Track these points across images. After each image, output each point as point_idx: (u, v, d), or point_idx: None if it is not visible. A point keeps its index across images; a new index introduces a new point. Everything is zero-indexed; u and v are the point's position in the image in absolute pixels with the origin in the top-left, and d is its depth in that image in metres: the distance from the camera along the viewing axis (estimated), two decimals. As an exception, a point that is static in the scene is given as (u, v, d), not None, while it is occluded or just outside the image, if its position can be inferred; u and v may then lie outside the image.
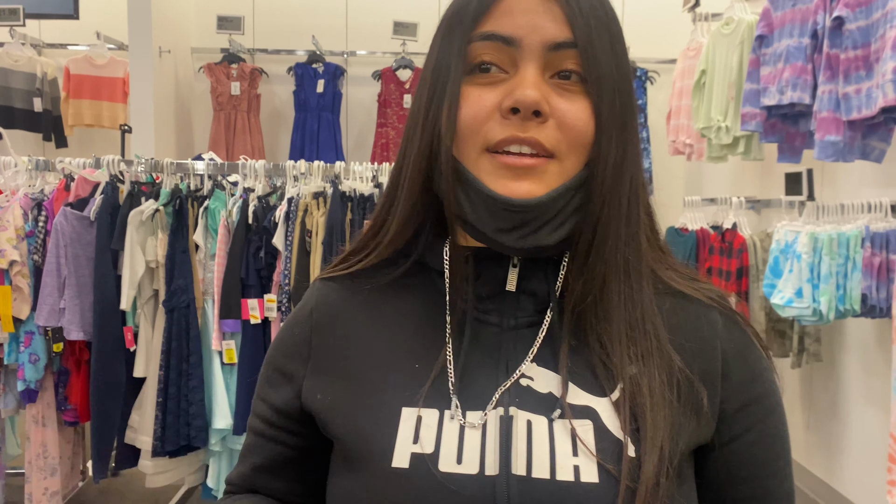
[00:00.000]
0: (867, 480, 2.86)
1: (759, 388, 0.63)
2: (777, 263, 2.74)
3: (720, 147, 3.45)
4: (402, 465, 0.59)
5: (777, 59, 2.72)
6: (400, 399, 0.62)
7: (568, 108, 0.58)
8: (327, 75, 4.59)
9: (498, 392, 0.60)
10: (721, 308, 0.64)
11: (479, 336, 0.63)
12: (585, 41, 0.58)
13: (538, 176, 0.58)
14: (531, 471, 0.57)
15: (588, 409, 0.59)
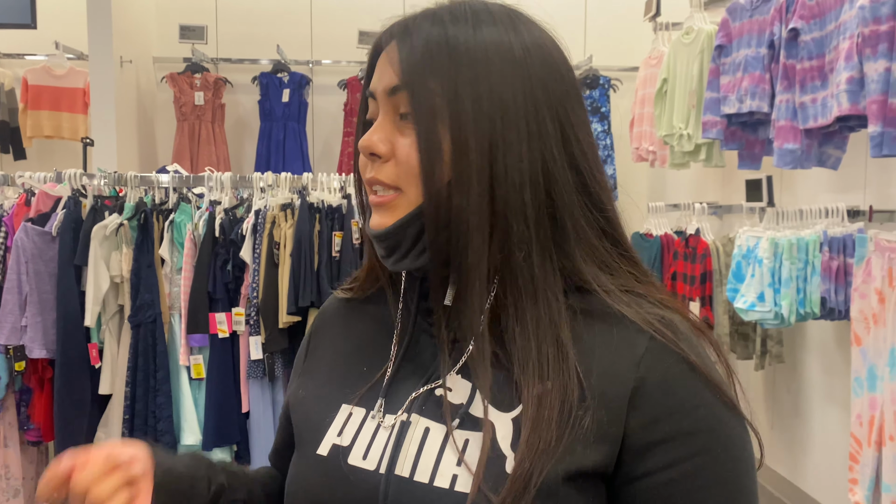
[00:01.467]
0: (830, 478, 2.93)
1: (685, 423, 0.58)
2: (739, 268, 2.80)
3: (682, 154, 3.51)
4: (322, 453, 0.67)
5: (736, 69, 2.78)
6: (341, 396, 0.70)
7: (402, 144, 0.63)
8: (293, 84, 4.57)
9: (410, 398, 0.66)
10: (655, 331, 0.60)
11: (422, 346, 0.70)
12: (410, 82, 0.62)
13: (389, 209, 0.64)
14: (414, 474, 0.61)
15: (487, 422, 0.61)
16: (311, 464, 0.67)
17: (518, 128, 0.62)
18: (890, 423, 2.06)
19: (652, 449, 0.58)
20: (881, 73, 1.99)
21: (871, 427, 2.16)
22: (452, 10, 0.64)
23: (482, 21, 0.63)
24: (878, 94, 2.00)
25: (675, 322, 0.62)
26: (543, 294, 0.62)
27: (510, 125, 0.61)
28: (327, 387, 0.73)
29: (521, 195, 0.61)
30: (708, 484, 0.58)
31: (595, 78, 4.70)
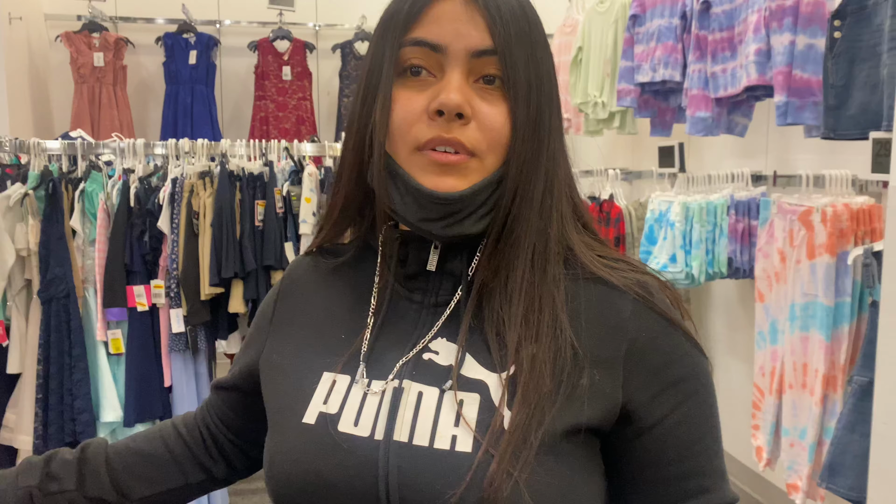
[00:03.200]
0: (733, 426, 3.15)
1: (677, 371, 0.64)
2: (652, 231, 2.93)
3: (597, 122, 3.61)
4: (309, 422, 0.66)
5: (650, 38, 2.88)
6: (323, 364, 0.69)
7: (488, 110, 0.63)
8: (200, 46, 4.38)
9: (398, 364, 0.66)
10: (636, 295, 0.65)
11: (402, 312, 0.70)
12: (505, 49, 0.62)
13: (461, 172, 0.63)
14: (413, 438, 0.62)
15: (480, 382, 0.63)
16: (298, 433, 0.66)
17: (556, 109, 0.68)
18: (790, 372, 2.23)
19: (655, 399, 0.64)
20: (786, 46, 2.11)
21: (772, 377, 2.33)
22: None
23: None
24: (784, 65, 2.12)
25: (650, 284, 0.67)
26: (543, 260, 0.65)
27: (557, 106, 0.68)
28: (305, 353, 0.72)
29: (559, 170, 0.67)
30: (700, 419, 0.65)
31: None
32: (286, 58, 4.50)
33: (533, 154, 0.65)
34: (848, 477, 1.87)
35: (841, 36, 1.90)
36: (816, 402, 2.11)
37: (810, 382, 2.15)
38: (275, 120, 4.49)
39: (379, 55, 0.66)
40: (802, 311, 2.16)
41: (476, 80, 0.64)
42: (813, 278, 2.11)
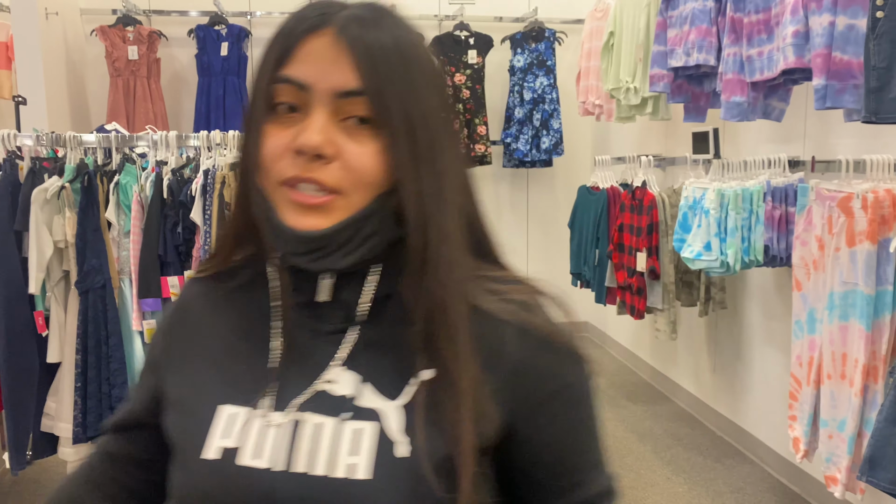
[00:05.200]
0: (769, 417, 3.10)
1: (553, 386, 0.68)
2: (686, 219, 2.88)
3: (629, 108, 3.56)
4: (209, 457, 0.66)
5: (683, 22, 2.82)
6: (220, 397, 0.69)
7: (354, 150, 0.62)
8: (231, 37, 4.41)
9: (297, 395, 0.67)
10: (518, 320, 0.68)
11: (299, 342, 0.70)
12: (374, 89, 0.62)
13: (325, 211, 0.63)
14: (311, 469, 0.63)
15: (376, 411, 0.65)
16: (199, 469, 0.66)
17: (452, 142, 0.67)
18: (828, 362, 2.18)
19: (534, 412, 0.68)
20: (825, 27, 2.05)
21: (810, 367, 2.28)
22: (380, 9, 0.65)
23: (405, 26, 0.66)
24: (823, 47, 2.06)
25: (529, 303, 0.70)
26: (451, 289, 0.66)
27: (447, 139, 0.66)
28: (203, 386, 0.71)
29: (461, 202, 0.68)
30: (577, 422, 0.71)
31: (540, 31, 4.69)
32: (316, 48, 4.51)
33: (428, 187, 0.64)
34: (889, 470, 1.82)
35: (884, 16, 1.83)
36: (856, 392, 2.06)
37: (850, 373, 2.10)
38: (305, 110, 4.51)
39: (256, 90, 0.66)
40: (842, 300, 2.10)
41: (344, 119, 0.63)
42: (853, 266, 2.06)
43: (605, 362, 4.65)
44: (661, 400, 3.97)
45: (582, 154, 5.09)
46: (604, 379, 4.31)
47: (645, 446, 3.34)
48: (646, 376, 4.32)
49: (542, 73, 4.68)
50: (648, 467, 3.13)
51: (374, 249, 0.66)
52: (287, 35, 0.64)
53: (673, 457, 3.24)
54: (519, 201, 5.17)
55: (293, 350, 0.69)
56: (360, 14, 0.64)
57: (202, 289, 0.77)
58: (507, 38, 4.76)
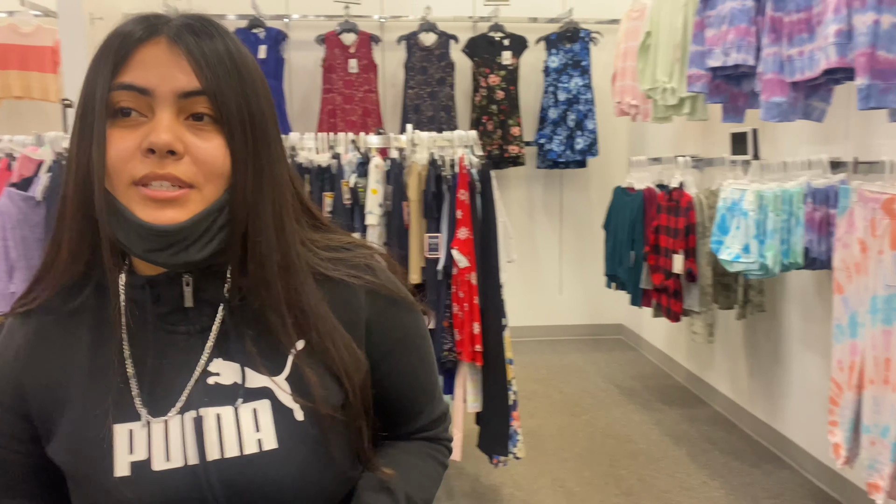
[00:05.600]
0: (807, 421, 3.05)
1: (397, 334, 0.83)
2: (724, 220, 2.85)
3: (666, 108, 3.53)
4: (123, 474, 0.70)
5: (721, 21, 2.79)
6: (107, 418, 0.71)
7: (201, 145, 0.68)
8: (269, 40, 4.48)
9: (184, 394, 0.72)
10: (365, 285, 0.79)
11: (170, 345, 0.74)
12: (213, 89, 0.68)
13: (180, 204, 0.67)
14: (224, 453, 0.70)
15: (265, 389, 0.73)
16: (115, 487, 0.69)
17: (275, 133, 0.74)
18: (870, 367, 2.14)
19: (385, 358, 0.82)
20: (869, 26, 2.01)
21: (851, 371, 2.24)
22: (209, 22, 0.71)
23: (232, 36, 0.72)
24: (866, 46, 2.02)
25: (375, 266, 0.82)
26: (295, 267, 0.74)
27: (274, 133, 0.73)
28: (85, 412, 0.72)
29: (286, 188, 0.75)
30: (417, 361, 0.86)
31: (575, 31, 4.68)
32: (352, 50, 4.56)
33: (256, 180, 0.70)
34: (934, 477, 1.78)
35: (929, 14, 1.80)
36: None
37: (893, 378, 2.06)
38: (342, 112, 4.56)
39: (91, 97, 0.69)
40: (885, 304, 2.06)
41: (187, 117, 0.68)
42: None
43: (639, 365, 4.62)
44: (696, 403, 3.92)
45: (617, 155, 5.06)
46: (638, 382, 4.28)
47: (680, 450, 3.31)
48: (681, 379, 4.28)
49: (577, 74, 4.67)
50: (684, 471, 3.10)
51: (226, 240, 0.71)
52: (119, 45, 0.68)
53: (709, 461, 3.20)
54: (552, 202, 5.16)
55: (167, 354, 0.73)
56: (191, 24, 0.70)
57: (36, 323, 0.76)
58: (542, 39, 4.75)
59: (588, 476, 3.07)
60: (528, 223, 5.12)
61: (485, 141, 4.60)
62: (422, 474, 0.86)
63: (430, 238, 2.63)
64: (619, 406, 3.89)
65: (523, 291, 4.96)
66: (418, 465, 0.86)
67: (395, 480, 0.80)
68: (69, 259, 0.74)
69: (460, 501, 2.84)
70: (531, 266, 5.09)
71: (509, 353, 2.70)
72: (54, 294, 0.76)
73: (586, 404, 3.92)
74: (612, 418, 3.71)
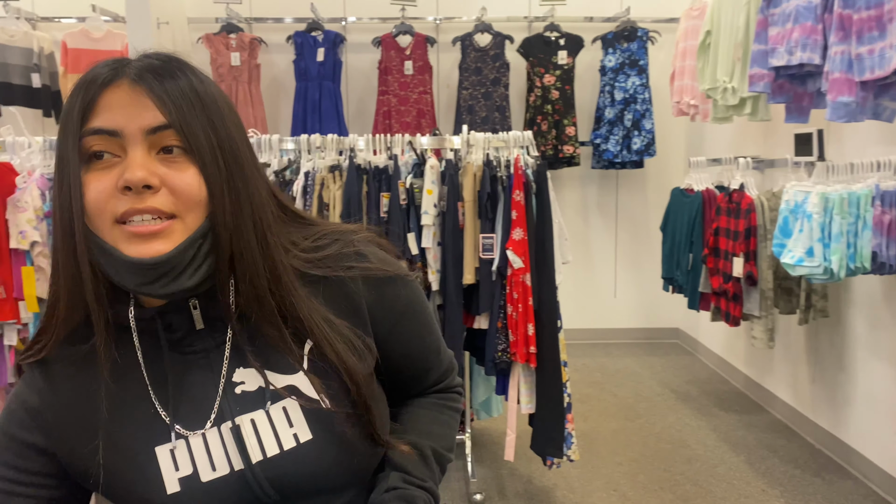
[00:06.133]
0: (872, 431, 2.95)
1: (397, 307, 0.87)
2: (787, 223, 2.78)
3: (726, 108, 3.46)
4: (174, 490, 0.75)
5: (786, 20, 2.72)
6: (150, 441, 0.76)
7: (175, 176, 0.71)
8: (327, 43, 4.55)
9: (215, 407, 0.77)
10: (359, 274, 0.83)
11: (190, 365, 0.78)
12: (178, 121, 0.71)
13: (165, 236, 0.70)
14: (266, 454, 0.76)
15: (290, 387, 0.78)
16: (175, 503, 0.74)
17: (247, 157, 0.77)
18: (943, 376, 2.07)
19: (389, 335, 0.87)
20: (945, 23, 1.94)
21: (922, 381, 2.17)
22: (172, 60, 0.74)
23: (195, 71, 0.76)
24: (941, 44, 1.95)
25: (360, 251, 0.84)
26: (285, 278, 0.78)
27: (244, 156, 0.76)
28: (125, 442, 0.76)
29: (266, 206, 0.77)
30: (419, 326, 0.91)
31: (633, 30, 4.62)
32: (408, 52, 4.60)
33: (233, 203, 0.73)
34: None
35: None
36: (974, 409, 1.94)
37: (967, 388, 1.98)
38: (396, 114, 4.60)
39: (64, 147, 0.71)
40: (959, 311, 1.99)
41: (158, 151, 0.71)
42: (972, 275, 1.94)
43: (696, 369, 4.54)
44: (755, 410, 3.84)
45: (674, 155, 4.98)
46: (695, 387, 4.21)
47: (738, 457, 3.25)
48: (739, 385, 4.19)
49: (634, 73, 4.61)
50: (742, 478, 3.04)
51: (215, 264, 0.74)
52: (84, 93, 0.71)
53: (768, 468, 3.13)
54: (608, 203, 5.11)
55: (189, 373, 0.77)
56: (152, 62, 0.73)
57: (58, 370, 0.78)
58: (599, 38, 4.71)
59: (643, 480, 3.04)
60: (581, 224, 5.09)
61: (539, 141, 4.58)
62: (441, 425, 0.94)
63: (484, 238, 2.64)
64: (675, 411, 3.83)
65: (576, 294, 4.92)
66: (437, 417, 0.94)
67: (419, 440, 0.88)
68: (68, 306, 0.75)
69: (512, 501, 2.84)
70: (585, 268, 5.05)
71: (564, 355, 2.69)
72: (62, 341, 0.78)
73: (641, 408, 3.87)
74: (668, 423, 3.66)
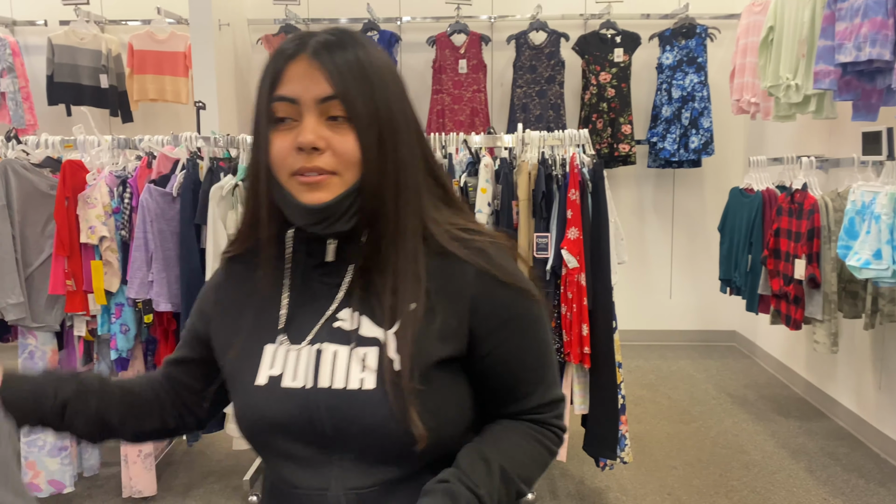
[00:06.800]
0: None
1: (505, 314, 0.90)
2: (853, 224, 2.70)
3: (789, 106, 3.38)
4: (261, 383, 0.90)
5: (854, 14, 2.64)
6: (263, 338, 0.92)
7: (338, 140, 0.84)
8: (383, 42, 4.60)
9: (314, 330, 0.90)
10: (476, 263, 0.89)
11: (314, 291, 0.93)
12: (343, 93, 0.83)
13: (326, 188, 0.84)
14: (333, 384, 0.86)
15: (375, 339, 0.87)
16: (254, 393, 0.90)
17: (405, 126, 0.87)
18: None
19: (488, 336, 0.90)
20: None
21: None
22: (344, 33, 0.87)
23: (366, 43, 0.87)
24: None
25: (489, 250, 0.91)
26: (412, 241, 0.88)
27: (401, 125, 0.86)
28: (248, 332, 0.94)
29: (412, 174, 0.88)
30: (524, 344, 0.92)
31: (691, 27, 4.54)
32: (462, 51, 4.61)
33: (380, 166, 0.85)
34: None
35: None
36: None
37: None
38: (450, 112, 4.62)
39: (258, 109, 0.88)
40: None
41: (327, 119, 0.84)
42: None
43: (753, 373, 4.43)
44: (815, 416, 3.73)
45: (733, 154, 4.87)
46: (752, 391, 4.11)
47: (798, 464, 3.16)
48: (799, 390, 4.07)
49: (693, 71, 4.53)
50: (802, 486, 2.96)
51: (367, 216, 0.87)
52: (274, 65, 0.86)
53: (830, 477, 3.04)
54: (664, 203, 5.03)
55: (310, 298, 0.92)
56: (326, 39, 0.85)
57: (237, 264, 1.00)
58: (656, 36, 4.64)
59: (697, 485, 2.99)
60: (637, 224, 5.02)
61: (594, 139, 4.54)
62: (523, 452, 0.93)
63: (538, 238, 2.64)
64: (731, 415, 3.75)
65: (630, 294, 4.86)
66: (520, 443, 0.93)
67: (490, 453, 0.89)
68: (250, 228, 0.94)
69: (564, 502, 2.83)
70: (639, 268, 4.98)
71: (618, 356, 2.67)
72: (245, 249, 0.98)
73: (696, 412, 3.81)
74: (724, 427, 3.59)
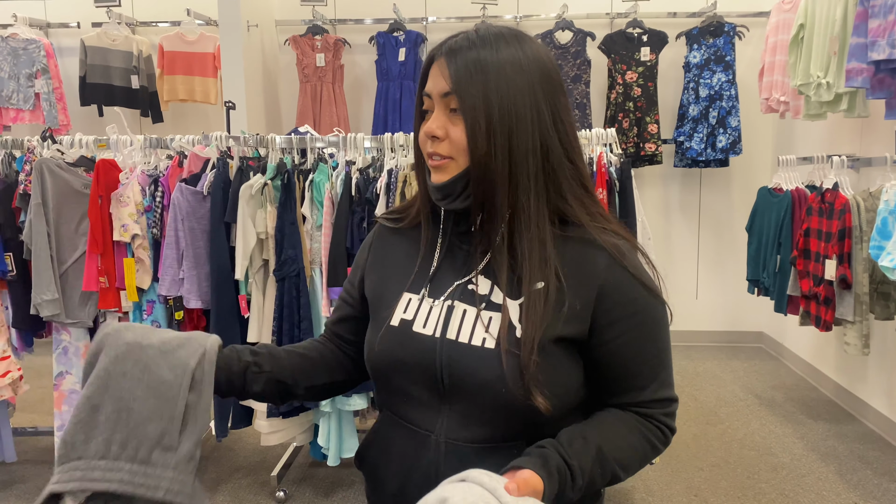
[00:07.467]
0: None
1: (630, 308, 0.97)
2: (885, 224, 2.66)
3: (820, 104, 3.34)
4: (395, 324, 1.03)
5: (888, 11, 2.60)
6: (403, 287, 1.06)
7: (453, 130, 0.97)
8: (408, 43, 4.62)
9: (450, 288, 1.02)
10: (611, 253, 0.97)
11: (455, 254, 1.05)
12: (457, 89, 0.95)
13: (444, 170, 0.98)
14: (458, 337, 0.97)
15: (503, 305, 0.97)
16: (387, 331, 1.03)
17: (525, 117, 0.95)
18: None
19: (610, 326, 0.97)
20: None
21: None
22: (481, 35, 0.96)
23: (500, 43, 0.96)
24: None
25: (622, 246, 0.99)
26: (536, 223, 0.97)
27: (520, 115, 0.95)
28: (392, 281, 1.08)
29: (526, 161, 0.96)
30: (643, 340, 0.99)
31: (719, 25, 4.50)
32: (488, 50, 4.61)
33: (487, 154, 0.94)
34: None
35: None
36: None
37: None
38: (476, 111, 4.61)
39: (417, 102, 1.03)
40: None
41: (450, 110, 0.97)
42: None
43: (781, 375, 4.38)
44: (846, 419, 3.68)
45: (761, 153, 4.82)
46: (780, 393, 4.07)
47: (828, 467, 3.12)
48: (829, 393, 4.02)
49: (720, 69, 4.49)
50: (832, 489, 2.93)
51: (480, 197, 0.97)
52: (425, 65, 1.01)
53: (861, 480, 3.00)
54: (690, 202, 4.99)
55: (452, 260, 1.05)
56: (459, 41, 0.97)
57: (387, 225, 1.16)
58: (683, 34, 4.61)
59: (725, 487, 2.96)
60: (663, 223, 4.99)
61: (620, 139, 4.51)
62: (623, 440, 0.99)
63: (566, 237, 2.63)
64: (759, 417, 3.71)
65: (656, 294, 4.83)
66: (622, 431, 0.99)
67: (591, 433, 0.96)
68: (413, 201, 1.11)
69: (590, 502, 2.82)
70: (666, 268, 4.94)
71: (645, 355, 2.65)
72: (402, 216, 1.14)
73: (723, 413, 3.77)
74: (751, 429, 3.55)
